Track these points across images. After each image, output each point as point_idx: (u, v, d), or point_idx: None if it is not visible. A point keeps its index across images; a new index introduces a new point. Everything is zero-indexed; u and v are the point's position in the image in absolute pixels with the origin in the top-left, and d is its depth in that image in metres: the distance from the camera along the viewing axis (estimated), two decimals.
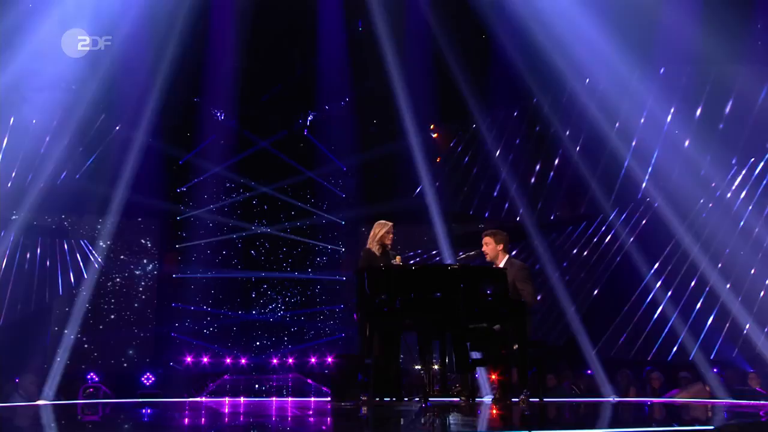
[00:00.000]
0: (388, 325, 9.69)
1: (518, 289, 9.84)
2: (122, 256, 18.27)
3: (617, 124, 16.33)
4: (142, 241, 18.56)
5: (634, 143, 16.35)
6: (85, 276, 17.21)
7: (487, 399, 11.13)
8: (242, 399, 14.87)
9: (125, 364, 17.79)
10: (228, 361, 18.23)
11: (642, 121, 16.32)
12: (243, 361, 18.25)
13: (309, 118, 18.87)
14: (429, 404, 8.80)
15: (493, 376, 11.66)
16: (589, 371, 15.65)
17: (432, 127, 18.74)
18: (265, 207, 18.93)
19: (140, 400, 13.86)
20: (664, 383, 14.56)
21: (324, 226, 18.76)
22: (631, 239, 16.69)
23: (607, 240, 17.26)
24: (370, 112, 18.27)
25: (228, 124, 18.50)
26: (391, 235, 10.41)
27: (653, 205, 16.41)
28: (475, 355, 9.89)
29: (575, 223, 17.83)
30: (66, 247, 17.37)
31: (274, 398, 15.28)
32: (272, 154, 18.70)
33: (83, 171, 17.05)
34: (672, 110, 16.06)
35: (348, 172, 19.01)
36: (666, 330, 16.00)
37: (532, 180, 18.02)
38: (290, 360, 18.17)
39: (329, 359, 17.68)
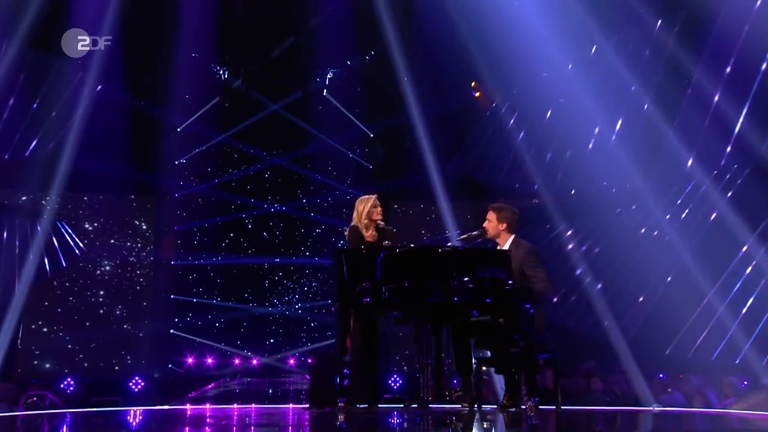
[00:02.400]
0: (370, 318, 9.27)
1: (527, 276, 9.07)
2: (112, 240, 17.35)
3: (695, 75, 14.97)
4: (136, 222, 17.60)
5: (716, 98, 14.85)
6: (63, 264, 16.50)
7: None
8: (223, 405, 14.06)
9: (117, 367, 16.98)
10: (236, 362, 17.36)
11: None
12: (254, 362, 17.39)
13: (328, 76, 17.67)
14: (420, 411, 8.48)
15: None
16: (660, 375, 14.54)
17: (473, 84, 17.40)
18: (279, 181, 17.98)
19: (88, 410, 12.46)
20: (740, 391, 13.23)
21: (348, 203, 16.94)
22: (713, 216, 15.27)
23: (682, 217, 15.76)
24: (398, 67, 16.54)
25: (233, 85, 17.46)
26: (378, 209, 9.81)
27: (742, 174, 15.03)
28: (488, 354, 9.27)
29: (642, 197, 16.15)
30: (39, 229, 16.04)
31: (276, 404, 14.51)
32: (286, 118, 17.58)
33: (58, 140, 15.69)
34: None
35: (375, 139, 18.07)
36: (759, 329, 14.51)
37: (590, 146, 16.43)
38: (309, 360, 16.57)
39: None
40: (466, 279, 8.31)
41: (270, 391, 16.20)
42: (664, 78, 15.30)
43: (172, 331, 17.10)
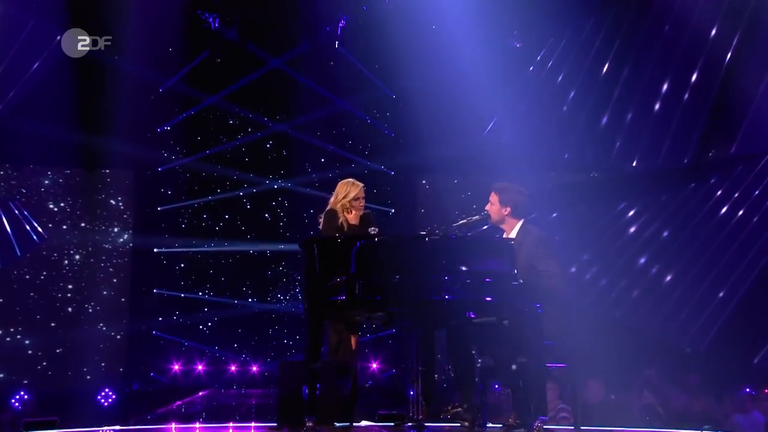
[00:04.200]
0: (345, 319, 9.16)
1: (538, 270, 8.58)
2: (83, 224, 16.11)
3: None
4: (111, 201, 16.41)
5: None
6: (18, 252, 15.35)
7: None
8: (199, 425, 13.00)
9: (88, 376, 15.74)
10: (233, 368, 16.28)
11: None
12: (254, 368, 16.26)
13: (340, 25, 16.13)
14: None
15: None
16: (746, 389, 13.21)
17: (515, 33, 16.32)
18: (284, 152, 16.90)
19: None
20: None
21: (366, 178, 15.74)
22: None
23: None
24: (426, 13, 15.47)
25: (226, 36, 16.06)
26: (361, 203, 9.68)
27: None
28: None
29: (723, 169, 15.25)
30: None
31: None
32: (290, 77, 16.48)
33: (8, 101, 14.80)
34: None
35: (399, 101, 16.67)
36: None
37: (657, 107, 15.38)
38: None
39: (374, 364, 16.32)
40: (460, 273, 7.91)
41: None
42: None
43: (155, 332, 16.14)
